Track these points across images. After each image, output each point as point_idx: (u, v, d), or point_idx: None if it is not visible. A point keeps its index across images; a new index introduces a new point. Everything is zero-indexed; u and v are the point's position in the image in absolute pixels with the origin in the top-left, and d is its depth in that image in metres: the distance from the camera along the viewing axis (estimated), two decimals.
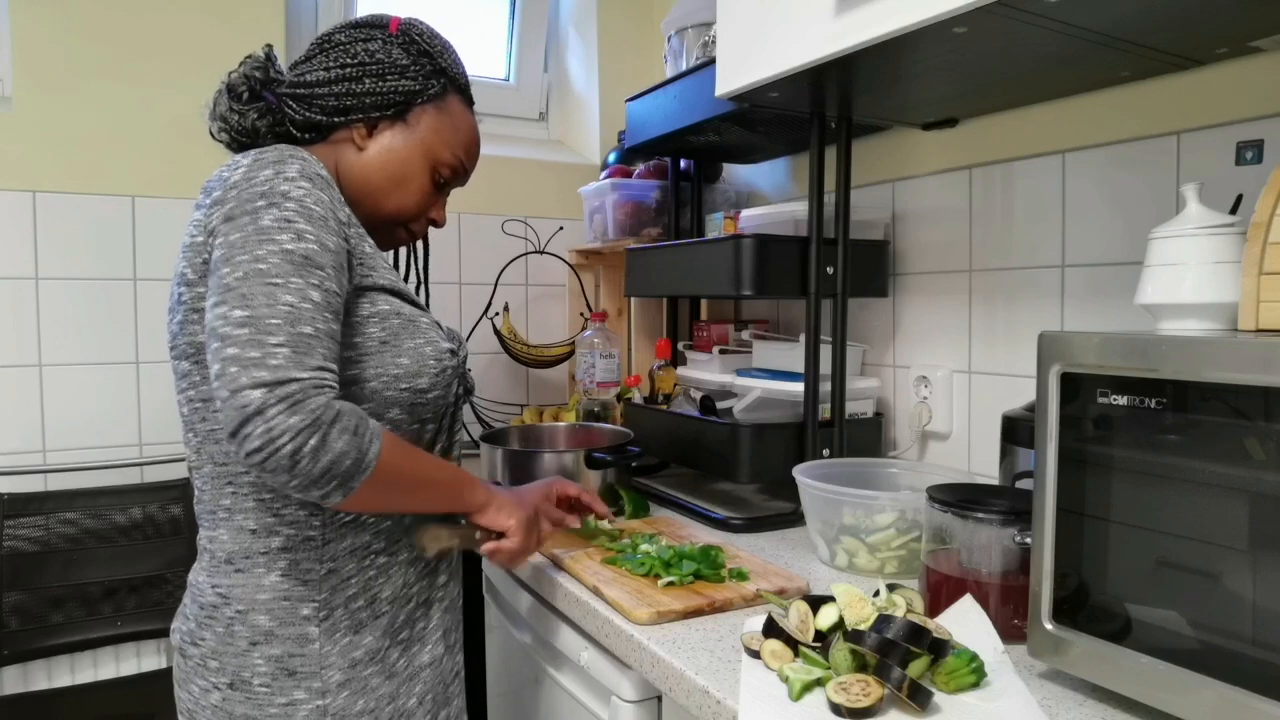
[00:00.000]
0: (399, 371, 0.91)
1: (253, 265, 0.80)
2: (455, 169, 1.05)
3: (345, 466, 0.78)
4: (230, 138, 0.99)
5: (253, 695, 0.89)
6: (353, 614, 0.92)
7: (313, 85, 0.98)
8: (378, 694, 0.93)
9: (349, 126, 0.99)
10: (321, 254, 0.83)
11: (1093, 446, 0.75)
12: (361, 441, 0.80)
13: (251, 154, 0.88)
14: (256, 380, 0.75)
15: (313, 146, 1.00)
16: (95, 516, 1.70)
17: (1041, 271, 1.27)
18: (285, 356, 0.77)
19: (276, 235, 0.82)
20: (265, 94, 0.99)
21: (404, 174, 1.01)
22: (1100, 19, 0.89)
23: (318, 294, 0.82)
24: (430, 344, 0.94)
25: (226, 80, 0.99)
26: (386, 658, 0.95)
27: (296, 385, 0.76)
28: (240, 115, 0.97)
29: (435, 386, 0.95)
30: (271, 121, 0.99)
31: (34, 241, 1.71)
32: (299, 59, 1.02)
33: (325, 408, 0.77)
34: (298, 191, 0.85)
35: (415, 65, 1.00)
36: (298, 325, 0.79)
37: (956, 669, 0.76)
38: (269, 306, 0.78)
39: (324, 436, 0.76)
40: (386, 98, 0.99)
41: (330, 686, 0.90)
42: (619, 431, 1.58)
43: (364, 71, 0.98)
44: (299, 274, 0.81)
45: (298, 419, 0.75)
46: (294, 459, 0.75)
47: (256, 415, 0.74)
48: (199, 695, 0.91)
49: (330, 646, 0.90)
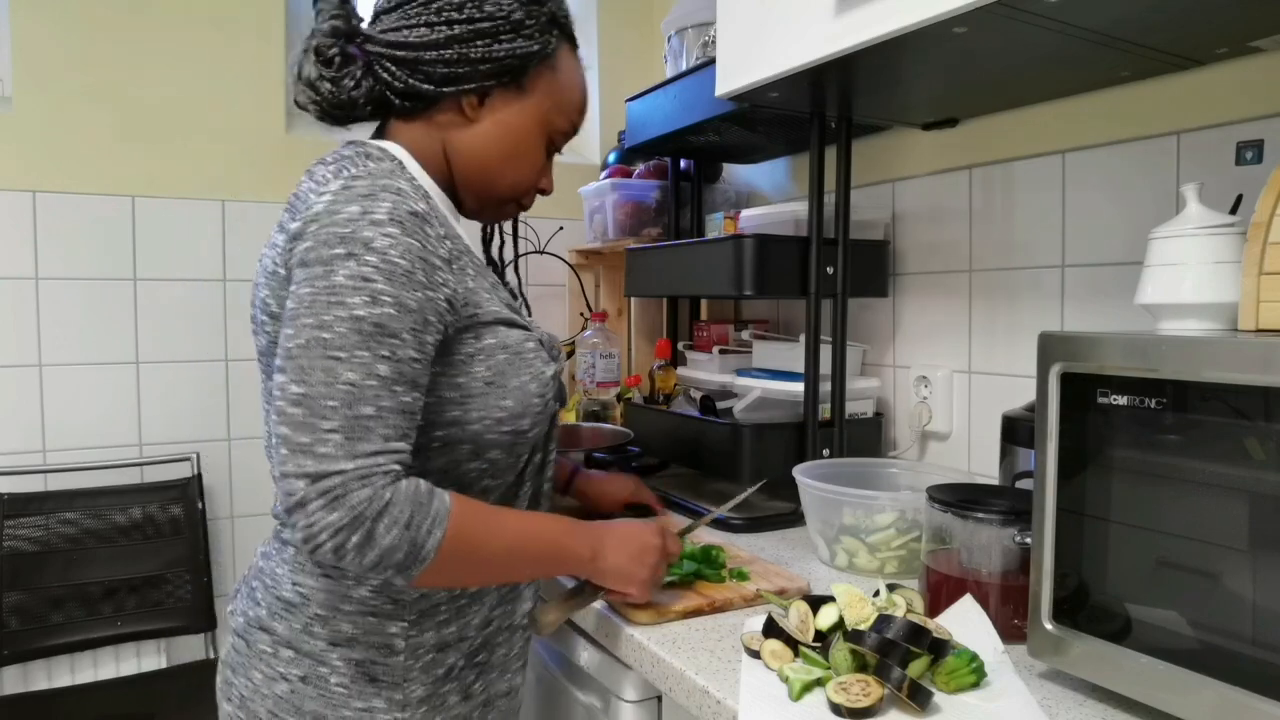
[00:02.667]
0: (502, 415, 0.84)
1: (316, 334, 0.73)
2: (568, 133, 0.95)
3: (397, 560, 0.73)
4: (320, 110, 0.87)
5: (327, 693, 0.83)
6: (442, 637, 0.88)
7: (417, 48, 0.85)
8: (453, 713, 0.89)
9: (459, 96, 0.87)
10: (399, 318, 0.74)
11: (1093, 446, 0.74)
12: (416, 534, 0.73)
13: (342, 178, 0.79)
14: (301, 470, 0.70)
15: (414, 120, 0.89)
16: (95, 516, 1.70)
17: (1041, 271, 1.27)
18: (336, 444, 0.71)
19: (348, 298, 0.73)
20: (352, 50, 0.86)
21: (520, 148, 0.91)
22: (1100, 19, 0.89)
23: (386, 367, 0.73)
24: (535, 379, 0.87)
25: (312, 41, 0.87)
26: (463, 678, 0.90)
27: (339, 479, 0.70)
28: (333, 84, 0.85)
29: (538, 424, 0.88)
30: (369, 88, 0.86)
31: (34, 241, 1.71)
32: (385, 5, 0.88)
33: (369, 501, 0.71)
34: (382, 241, 0.75)
35: (530, 19, 0.87)
36: (356, 407, 0.72)
37: (956, 669, 0.76)
38: (327, 385, 0.72)
39: (368, 533, 0.71)
40: (503, 63, 0.86)
41: (411, 700, 0.86)
42: (618, 431, 1.58)
43: (476, 31, 0.85)
44: (366, 345, 0.73)
45: (336, 516, 0.70)
46: (338, 554, 0.71)
47: (299, 508, 0.70)
48: (261, 684, 0.85)
49: (414, 661, 0.86)
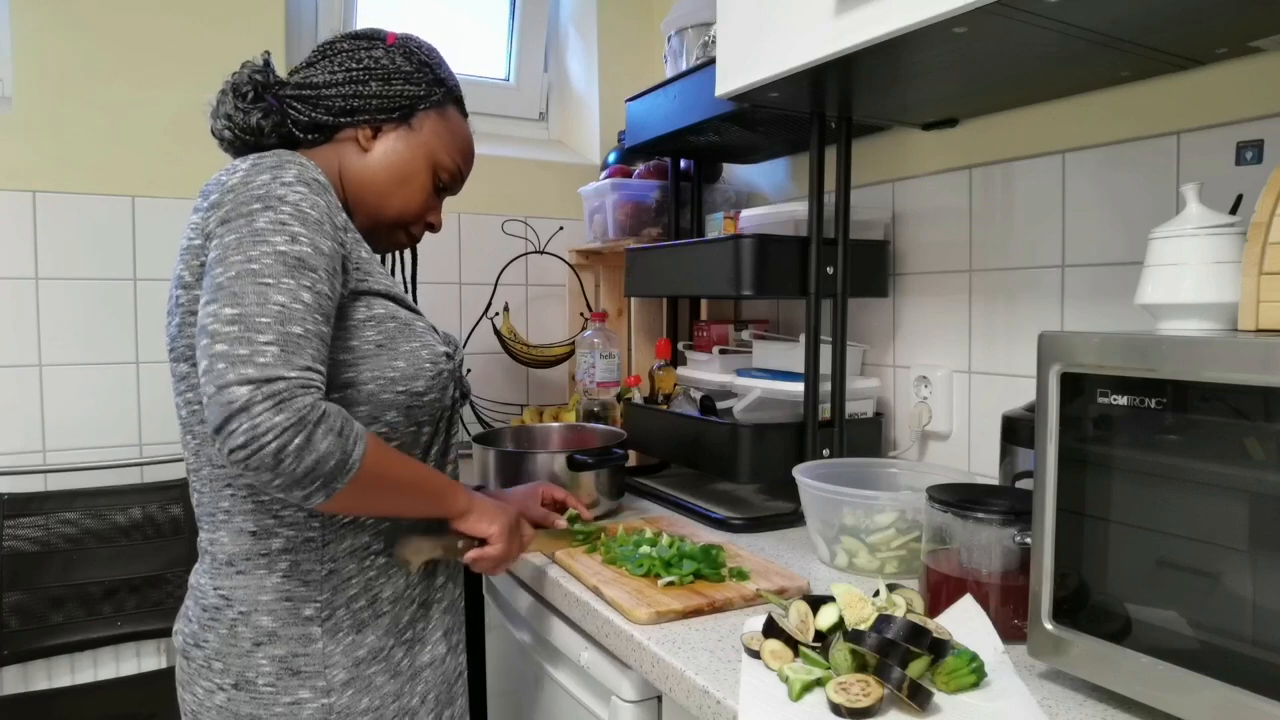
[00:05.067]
0: (395, 374, 0.91)
1: (245, 265, 0.80)
2: (454, 174, 1.08)
3: (329, 467, 0.78)
4: (234, 136, 0.99)
5: (258, 695, 0.89)
6: (355, 614, 0.92)
7: (319, 87, 0.99)
8: (382, 692, 0.93)
9: (355, 127, 1.00)
10: (315, 256, 0.84)
11: (1093, 446, 0.75)
12: (346, 443, 0.80)
13: (250, 159, 0.89)
14: (244, 377, 0.75)
15: (315, 149, 1.01)
16: (95, 516, 1.70)
17: (1041, 271, 1.27)
18: (274, 355, 0.77)
19: (270, 237, 0.82)
20: (267, 97, 0.99)
21: (407, 175, 1.02)
22: (1100, 19, 0.89)
23: (309, 295, 0.82)
24: (426, 347, 0.95)
25: (230, 80, 1.00)
26: (390, 657, 0.95)
27: (284, 383, 0.76)
28: (245, 114, 0.98)
29: (431, 390, 0.95)
30: (275, 122, 0.99)
31: (34, 241, 1.71)
32: (300, 65, 1.03)
33: (311, 407, 0.77)
34: (294, 196, 0.85)
35: (418, 73, 1.03)
36: (288, 325, 0.79)
37: (956, 669, 0.76)
38: (259, 305, 0.78)
39: (309, 436, 0.76)
40: (393, 100, 1.00)
41: (335, 685, 0.90)
42: (612, 432, 1.58)
43: (370, 75, 1.00)
44: (291, 275, 0.81)
45: (283, 417, 0.75)
46: (278, 457, 0.75)
47: (242, 412, 0.74)
48: (203, 697, 0.91)
49: (334, 646, 0.91)
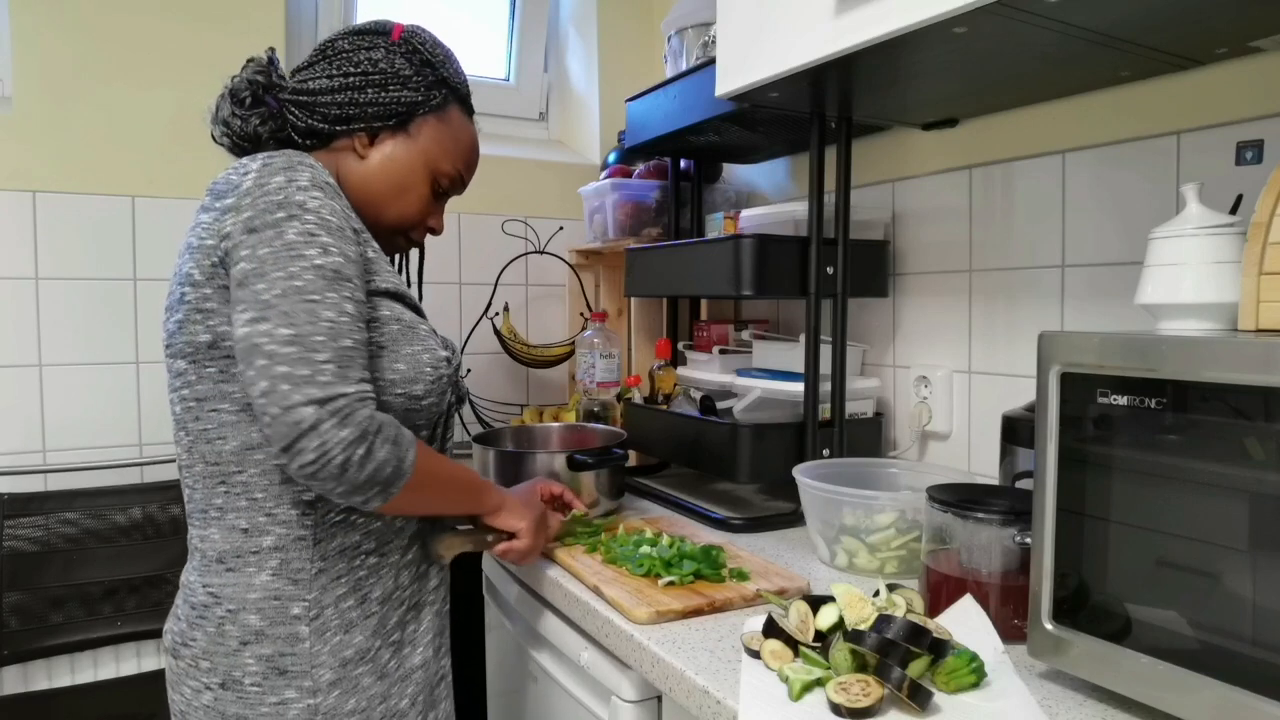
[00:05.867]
0: (395, 377, 0.92)
1: (289, 283, 0.82)
2: (454, 179, 1.07)
3: (387, 474, 0.83)
4: (232, 142, 1.00)
5: (244, 695, 0.89)
6: (343, 613, 0.92)
7: (315, 93, 0.99)
8: (369, 693, 0.93)
9: (350, 135, 1.00)
10: (347, 265, 0.86)
11: (1093, 446, 0.75)
12: (400, 450, 0.84)
13: (259, 158, 0.89)
14: (310, 397, 0.79)
15: (313, 153, 1.00)
16: (95, 516, 1.70)
17: (1041, 271, 1.27)
18: (332, 373, 0.80)
19: (305, 250, 0.83)
20: (267, 99, 0.99)
21: (404, 183, 1.02)
22: (1100, 19, 0.89)
23: (351, 306, 0.85)
24: (428, 351, 0.95)
25: (229, 85, 1.00)
26: (378, 658, 0.95)
27: (344, 400, 0.80)
28: (242, 120, 0.98)
29: (430, 394, 0.95)
30: (273, 127, 0.99)
31: (34, 241, 1.71)
32: (301, 65, 1.03)
33: (370, 419, 0.82)
34: (313, 202, 0.86)
35: (418, 75, 1.01)
36: (339, 340, 0.82)
37: (956, 669, 0.76)
38: (312, 324, 0.81)
39: (370, 447, 0.81)
40: (389, 108, 1.00)
41: (321, 685, 0.90)
42: (612, 432, 1.58)
43: (367, 81, 0.99)
44: (332, 288, 0.84)
45: (348, 432, 0.79)
46: (343, 468, 0.80)
47: (311, 431, 0.78)
48: (191, 696, 0.91)
49: (321, 646, 0.90)
